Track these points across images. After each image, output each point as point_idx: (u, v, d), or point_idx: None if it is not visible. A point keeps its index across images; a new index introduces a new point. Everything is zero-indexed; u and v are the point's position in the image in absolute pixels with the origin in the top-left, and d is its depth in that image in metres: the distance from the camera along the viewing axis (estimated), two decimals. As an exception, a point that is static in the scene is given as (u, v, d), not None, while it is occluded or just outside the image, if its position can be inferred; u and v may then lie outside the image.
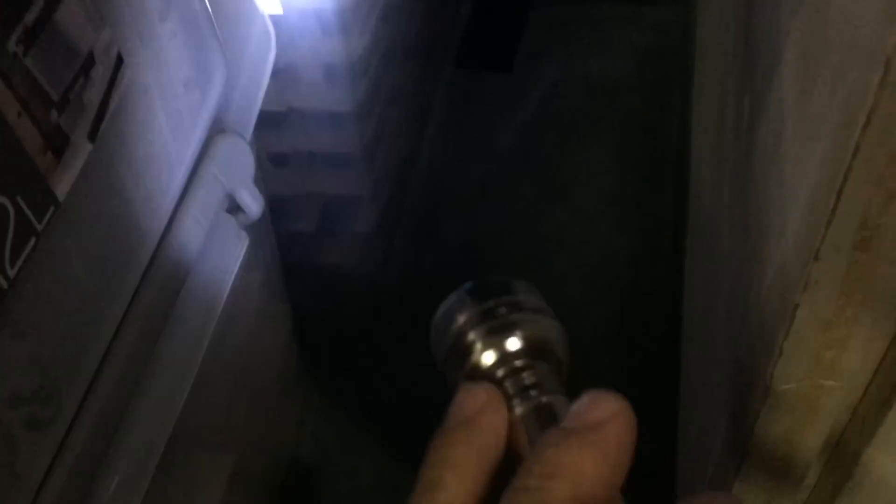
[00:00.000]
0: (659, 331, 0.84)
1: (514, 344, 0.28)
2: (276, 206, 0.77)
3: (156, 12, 0.37)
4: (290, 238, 0.83)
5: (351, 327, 0.90)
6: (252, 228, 0.50)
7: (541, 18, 1.15)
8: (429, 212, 1.00)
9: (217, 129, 0.44)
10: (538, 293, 0.30)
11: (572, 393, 0.26)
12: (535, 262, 0.95)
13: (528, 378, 0.27)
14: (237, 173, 0.45)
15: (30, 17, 0.28)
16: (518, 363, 0.28)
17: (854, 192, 0.25)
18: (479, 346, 0.28)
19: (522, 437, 0.27)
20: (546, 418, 0.26)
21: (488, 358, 0.28)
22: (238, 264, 0.45)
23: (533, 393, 0.27)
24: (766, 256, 0.35)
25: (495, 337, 0.28)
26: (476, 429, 0.26)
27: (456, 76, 1.11)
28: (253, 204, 0.46)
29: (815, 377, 0.31)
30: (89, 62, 0.32)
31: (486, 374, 0.28)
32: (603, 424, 0.24)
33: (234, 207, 0.47)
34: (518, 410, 0.27)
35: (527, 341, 0.28)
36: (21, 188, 0.29)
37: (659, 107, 1.04)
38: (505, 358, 0.28)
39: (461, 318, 0.29)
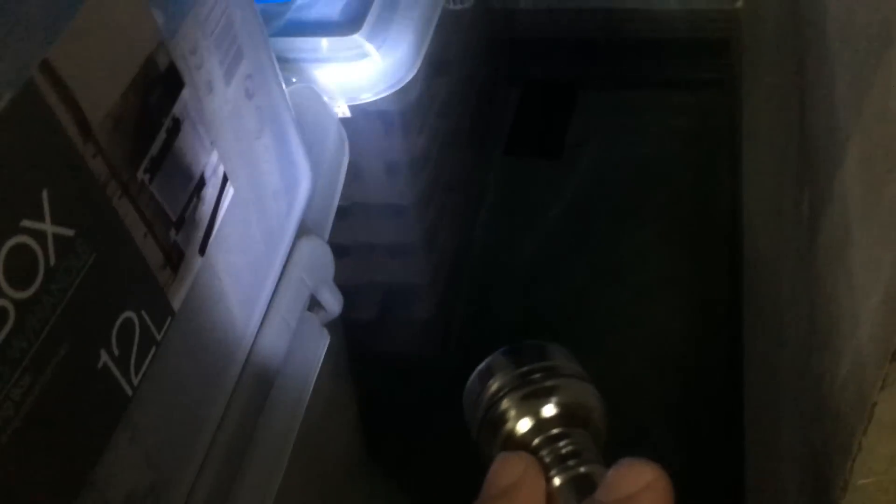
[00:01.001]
0: (719, 410, 0.84)
1: (550, 410, 0.27)
2: (339, 296, 0.79)
3: (253, 131, 0.40)
4: (351, 325, 0.85)
5: (411, 412, 0.92)
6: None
7: (587, 104, 1.19)
8: (483, 295, 1.02)
9: (301, 232, 0.47)
10: (574, 358, 0.28)
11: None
12: (589, 343, 0.96)
13: (565, 447, 0.26)
14: (319, 274, 0.48)
15: (155, 147, 0.32)
16: (555, 431, 0.27)
17: (928, 297, 0.26)
18: (513, 412, 0.27)
19: None
20: (584, 489, 0.25)
21: (524, 425, 0.27)
22: (321, 360, 0.47)
23: (571, 462, 0.26)
24: (837, 350, 0.36)
25: (531, 403, 0.27)
26: (514, 500, 0.25)
27: (506, 162, 1.14)
28: (333, 302, 0.49)
29: (895, 472, 0.31)
30: (201, 183, 0.35)
31: (521, 443, 0.27)
32: (636, 496, 0.23)
33: (315, 304, 0.50)
34: (556, 481, 0.26)
35: (564, 408, 0.27)
36: (145, 302, 0.31)
37: (707, 189, 1.05)
38: (541, 425, 0.27)
39: (495, 385, 0.27)
